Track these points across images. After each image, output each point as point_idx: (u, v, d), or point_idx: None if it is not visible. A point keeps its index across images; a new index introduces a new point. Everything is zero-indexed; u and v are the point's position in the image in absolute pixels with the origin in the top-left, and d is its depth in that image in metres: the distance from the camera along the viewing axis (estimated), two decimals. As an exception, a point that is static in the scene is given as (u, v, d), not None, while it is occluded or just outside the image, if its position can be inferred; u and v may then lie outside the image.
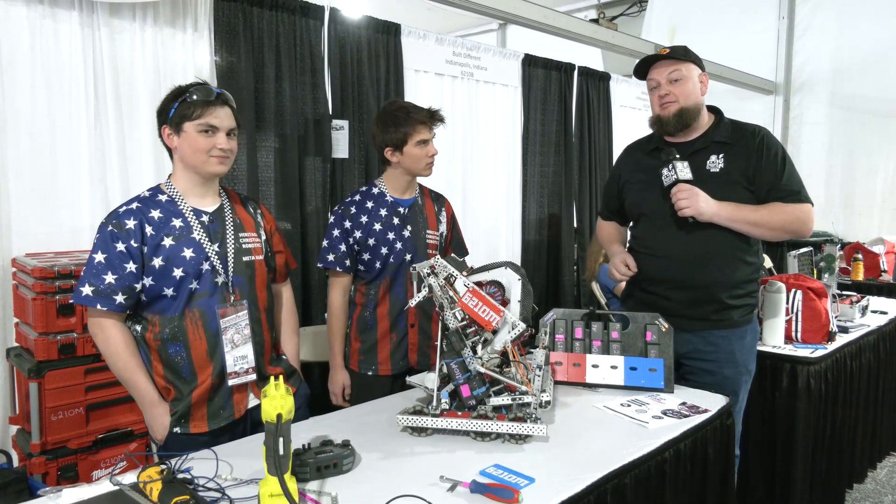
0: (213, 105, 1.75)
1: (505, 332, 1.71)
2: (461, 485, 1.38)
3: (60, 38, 2.71)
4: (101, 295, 1.68)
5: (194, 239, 1.77)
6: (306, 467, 1.41)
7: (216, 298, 1.78)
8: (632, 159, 2.43)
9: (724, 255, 2.17)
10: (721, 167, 2.17)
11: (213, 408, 1.80)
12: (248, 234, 1.89)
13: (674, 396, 2.01)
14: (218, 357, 1.79)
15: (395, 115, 2.29)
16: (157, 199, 1.79)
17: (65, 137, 2.74)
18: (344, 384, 2.39)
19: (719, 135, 2.21)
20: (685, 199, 2.09)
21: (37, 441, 2.35)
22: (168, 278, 1.73)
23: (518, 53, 4.72)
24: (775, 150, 2.18)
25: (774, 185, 2.15)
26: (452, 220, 2.55)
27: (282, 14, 3.24)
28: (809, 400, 2.54)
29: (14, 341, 2.58)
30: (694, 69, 2.19)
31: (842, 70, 6.22)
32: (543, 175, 4.95)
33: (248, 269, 1.86)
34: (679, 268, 2.20)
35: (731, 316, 2.21)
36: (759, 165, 2.15)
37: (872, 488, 3.25)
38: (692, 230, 2.15)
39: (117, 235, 1.70)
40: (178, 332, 1.76)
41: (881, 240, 5.01)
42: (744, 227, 2.14)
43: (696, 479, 1.79)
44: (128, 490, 1.35)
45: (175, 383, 1.78)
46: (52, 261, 2.46)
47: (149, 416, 1.78)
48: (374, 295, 2.34)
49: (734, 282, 2.19)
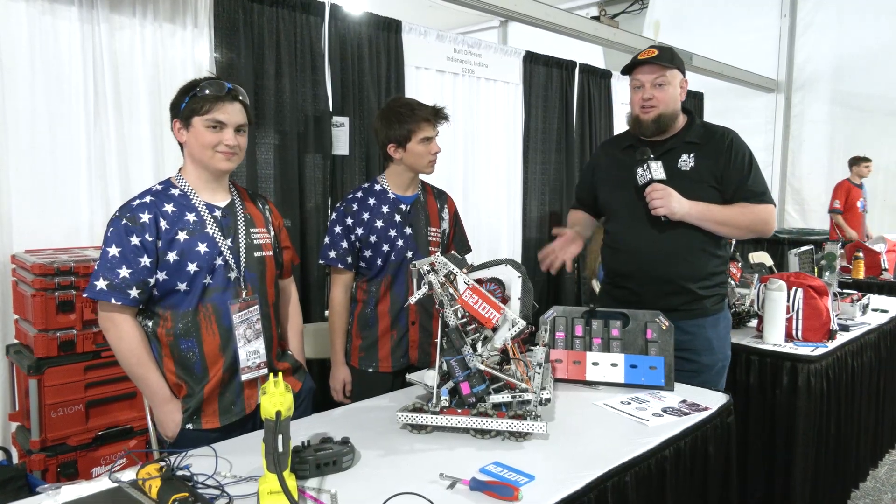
0: (222, 100, 1.73)
1: (505, 329, 1.70)
2: (461, 482, 1.38)
3: (60, 35, 2.71)
4: (115, 289, 1.66)
5: (208, 234, 1.76)
6: (306, 464, 1.40)
7: (229, 294, 1.78)
8: (607, 155, 2.50)
9: (691, 250, 2.26)
10: (691, 166, 2.25)
11: (225, 403, 1.80)
12: (258, 230, 1.89)
13: (674, 394, 2.01)
14: (229, 352, 1.78)
15: (399, 112, 2.28)
16: (170, 193, 1.78)
17: (64, 134, 2.73)
18: (345, 380, 2.40)
19: (691, 135, 2.29)
20: (659, 198, 2.16)
21: (36, 438, 2.34)
22: (182, 273, 1.72)
23: (519, 51, 4.71)
24: (742, 152, 2.26)
25: (741, 185, 2.23)
26: (455, 217, 2.55)
27: (282, 10, 3.23)
28: (810, 398, 2.54)
29: (14, 338, 2.58)
30: (677, 75, 2.26)
31: (843, 68, 6.22)
32: (544, 172, 4.94)
33: (259, 265, 1.86)
34: (649, 262, 2.28)
35: (704, 305, 2.30)
36: (727, 166, 2.23)
37: (872, 486, 3.25)
38: (662, 227, 2.22)
39: (132, 229, 1.69)
40: (191, 327, 1.75)
41: (882, 238, 5.01)
42: (712, 225, 2.23)
43: (697, 477, 1.79)
44: (127, 487, 1.34)
45: (186, 380, 1.77)
46: (51, 257, 2.46)
47: (160, 413, 1.77)
48: (376, 292, 2.34)
49: (703, 273, 2.29)
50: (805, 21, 6.45)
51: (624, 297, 2.33)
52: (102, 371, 2.45)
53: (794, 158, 6.62)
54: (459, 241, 2.57)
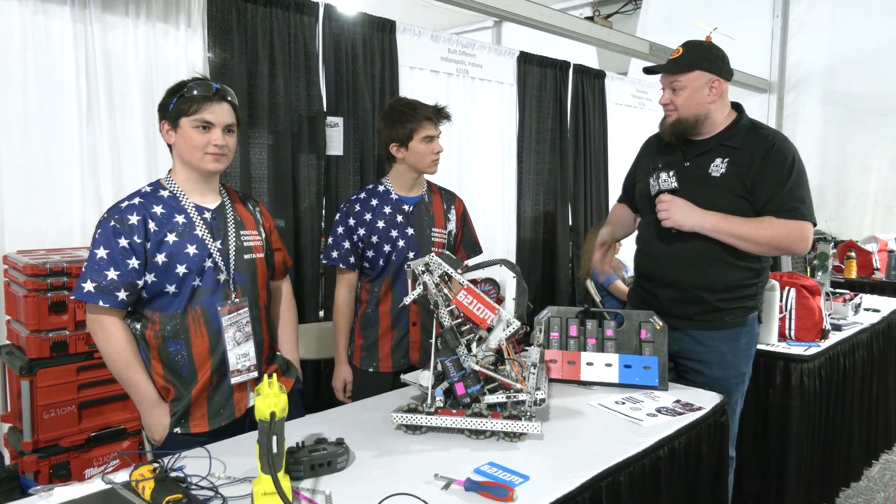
0: (210, 101, 1.73)
1: (500, 329, 1.70)
2: (456, 483, 1.38)
3: (52, 34, 2.69)
4: (103, 291, 1.66)
5: (197, 235, 1.75)
6: (300, 465, 1.40)
7: (218, 296, 1.77)
8: (648, 152, 2.46)
9: (708, 259, 2.16)
10: (722, 172, 2.15)
11: (214, 407, 1.79)
12: (248, 232, 1.88)
13: (668, 394, 2.01)
14: (218, 354, 1.77)
15: (401, 112, 2.30)
16: (159, 195, 1.77)
17: (56, 134, 2.71)
18: (345, 380, 2.42)
19: (731, 138, 2.18)
20: (665, 210, 2.14)
21: (28, 439, 2.33)
22: (171, 275, 1.71)
23: (513, 51, 4.72)
24: (783, 160, 2.10)
25: (773, 196, 2.08)
26: (464, 219, 2.55)
27: (276, 10, 3.22)
28: (803, 397, 2.55)
29: (5, 339, 2.56)
30: (700, 76, 2.14)
31: (836, 68, 6.24)
32: (539, 173, 4.94)
33: (249, 267, 1.85)
34: (663, 267, 2.27)
35: (722, 318, 2.22)
36: (759, 174, 2.09)
37: (865, 485, 3.27)
38: (678, 233, 2.19)
39: (120, 231, 1.68)
40: (179, 329, 1.74)
41: (874, 238, 5.04)
42: (729, 238, 2.11)
43: (690, 477, 1.79)
44: (120, 489, 1.34)
45: (174, 383, 1.76)
46: (43, 258, 2.44)
47: (147, 417, 1.76)
48: (377, 292, 2.36)
49: (723, 285, 2.19)
50: (797, 21, 6.46)
51: (647, 299, 2.33)
52: (95, 372, 2.44)
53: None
54: (468, 242, 2.57)
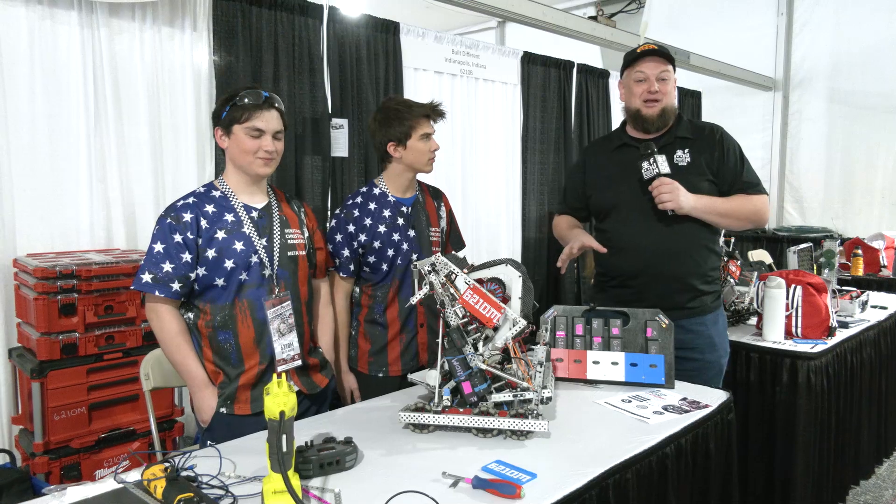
0: (260, 108, 1.86)
1: (506, 328, 1.71)
2: (463, 480, 1.39)
3: (59, 39, 2.72)
4: (159, 282, 1.81)
5: (244, 233, 1.89)
6: (309, 464, 1.41)
7: (263, 290, 1.89)
8: (598, 156, 2.51)
9: (695, 246, 2.30)
10: (688, 161, 2.29)
11: (258, 392, 1.90)
12: (292, 231, 2.01)
13: (674, 392, 2.01)
14: (264, 345, 1.89)
15: (396, 110, 2.26)
16: (212, 195, 1.92)
17: (64, 137, 2.74)
18: (352, 388, 2.35)
19: (682, 131, 2.33)
20: (667, 192, 2.17)
21: (40, 441, 2.35)
22: (220, 269, 1.85)
23: (517, 51, 4.72)
24: (733, 145, 2.32)
25: (736, 178, 2.28)
26: (451, 215, 2.54)
27: (280, 13, 3.24)
28: (810, 395, 2.54)
29: (16, 341, 2.59)
30: (673, 72, 2.31)
31: (840, 66, 6.22)
32: (543, 172, 4.95)
33: (291, 263, 1.97)
34: (656, 260, 2.27)
35: (705, 302, 2.33)
36: (721, 159, 2.28)
37: (873, 482, 3.26)
38: (667, 223, 2.23)
39: (175, 227, 1.83)
40: (228, 320, 1.88)
41: (881, 235, 5.02)
42: (715, 217, 2.26)
43: (698, 475, 1.79)
44: (132, 488, 1.35)
45: (224, 368, 1.90)
46: (53, 261, 2.47)
47: (197, 398, 1.89)
48: (383, 297, 2.30)
49: (705, 270, 2.33)
50: (802, 19, 6.45)
51: (622, 295, 2.31)
52: (105, 374, 2.46)
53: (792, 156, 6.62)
54: (454, 237, 2.55)
